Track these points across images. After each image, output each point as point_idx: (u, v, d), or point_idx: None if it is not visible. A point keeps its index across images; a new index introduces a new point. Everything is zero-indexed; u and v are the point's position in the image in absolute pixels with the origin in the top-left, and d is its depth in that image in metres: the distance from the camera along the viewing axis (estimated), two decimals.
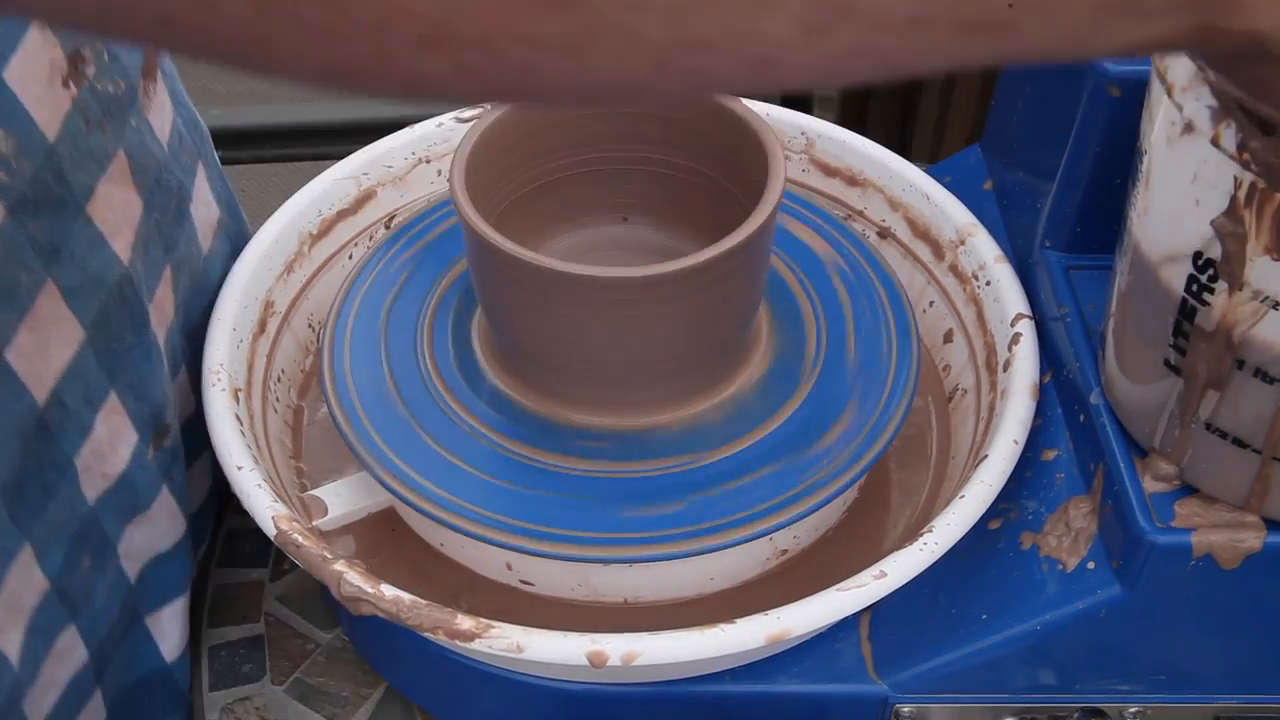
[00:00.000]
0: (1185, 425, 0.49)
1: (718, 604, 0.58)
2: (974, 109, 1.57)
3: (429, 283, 0.63)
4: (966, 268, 0.66)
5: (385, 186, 0.70)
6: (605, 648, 0.49)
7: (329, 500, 0.59)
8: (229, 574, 0.67)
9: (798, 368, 0.60)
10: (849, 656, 0.57)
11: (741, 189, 0.58)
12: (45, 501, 0.50)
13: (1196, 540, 0.50)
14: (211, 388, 0.58)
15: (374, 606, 0.50)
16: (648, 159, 0.61)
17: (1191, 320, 0.46)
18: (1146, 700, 0.56)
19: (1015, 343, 0.61)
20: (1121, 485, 0.52)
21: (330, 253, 0.69)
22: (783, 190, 0.54)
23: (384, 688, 0.63)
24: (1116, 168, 0.55)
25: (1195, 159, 0.43)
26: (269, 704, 0.62)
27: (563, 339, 0.55)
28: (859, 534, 0.61)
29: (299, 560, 0.52)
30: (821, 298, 0.63)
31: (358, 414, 0.57)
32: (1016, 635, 0.54)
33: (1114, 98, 0.55)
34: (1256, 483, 0.49)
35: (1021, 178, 0.66)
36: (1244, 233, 0.43)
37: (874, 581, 0.50)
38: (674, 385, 0.57)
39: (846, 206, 0.72)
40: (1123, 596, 0.52)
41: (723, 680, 0.57)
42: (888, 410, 0.58)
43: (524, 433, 0.57)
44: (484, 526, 0.53)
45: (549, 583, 0.58)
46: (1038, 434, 0.58)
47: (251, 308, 0.63)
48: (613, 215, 0.64)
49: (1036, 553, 0.55)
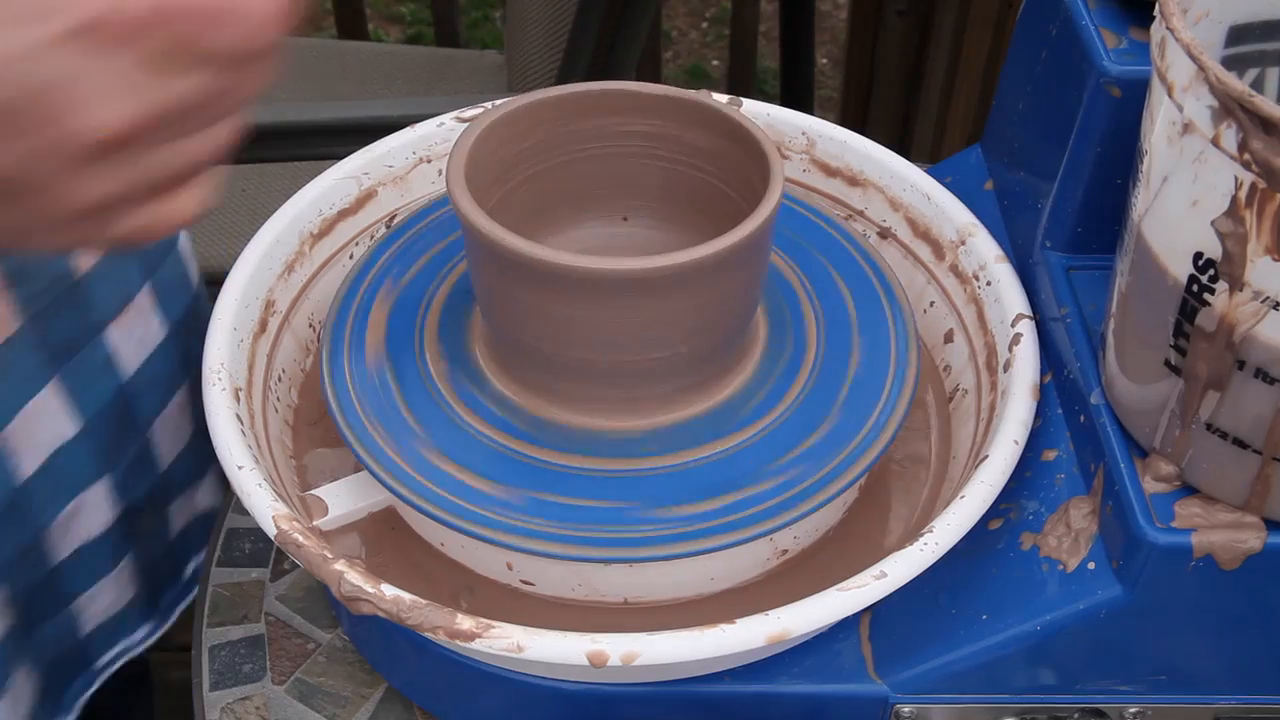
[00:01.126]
0: (1185, 426, 0.49)
1: (718, 604, 0.58)
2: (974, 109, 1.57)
3: (429, 282, 0.63)
4: (967, 268, 0.66)
5: (386, 186, 0.70)
6: (605, 648, 0.49)
7: (329, 500, 0.59)
8: (229, 574, 0.67)
9: (797, 367, 0.60)
10: (849, 656, 0.57)
11: (741, 189, 0.58)
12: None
13: (1197, 541, 0.50)
14: (212, 387, 0.58)
15: (374, 606, 0.50)
16: (648, 159, 0.61)
17: (1192, 320, 0.46)
18: (1146, 700, 0.56)
19: (1016, 343, 0.61)
20: (1122, 485, 0.52)
21: (331, 252, 0.69)
22: (782, 191, 0.54)
23: (384, 688, 0.63)
24: (1117, 168, 0.55)
25: (1195, 159, 0.43)
26: (269, 704, 0.62)
27: (562, 335, 0.55)
28: (859, 534, 0.61)
29: (299, 560, 0.52)
30: (821, 298, 0.63)
31: (358, 414, 0.57)
32: (1017, 635, 0.54)
33: (1114, 98, 0.55)
34: (1257, 483, 0.49)
35: (1022, 178, 0.66)
36: (1244, 233, 0.43)
37: (874, 581, 0.50)
38: (673, 383, 0.57)
39: (847, 207, 0.72)
40: (1123, 597, 0.52)
41: (723, 680, 0.57)
42: (887, 410, 0.58)
43: (524, 432, 0.57)
44: (484, 526, 0.53)
45: (549, 583, 0.58)
46: (1038, 434, 0.58)
47: (252, 307, 0.63)
48: (613, 215, 0.64)
49: (1037, 553, 0.55)
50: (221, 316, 0.61)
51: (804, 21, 1.75)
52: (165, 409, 0.72)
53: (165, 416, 0.72)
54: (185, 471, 0.76)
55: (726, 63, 2.00)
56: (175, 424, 0.73)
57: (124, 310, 0.66)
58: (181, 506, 0.77)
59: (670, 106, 0.59)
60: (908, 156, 0.71)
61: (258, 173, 1.31)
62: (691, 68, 2.40)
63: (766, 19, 2.05)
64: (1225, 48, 0.50)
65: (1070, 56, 0.58)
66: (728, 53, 1.95)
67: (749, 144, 0.56)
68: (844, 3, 2.28)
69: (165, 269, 0.70)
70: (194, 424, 0.75)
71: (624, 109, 0.60)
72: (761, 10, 1.88)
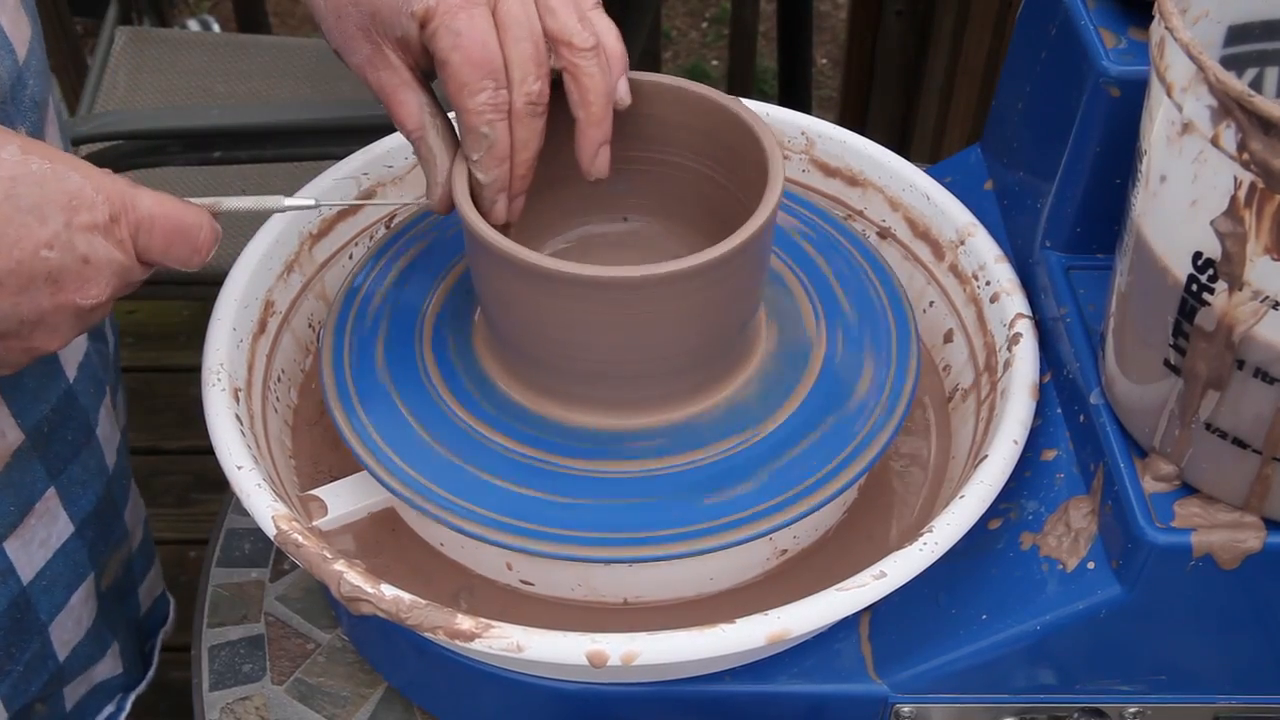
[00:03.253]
0: (1185, 425, 0.49)
1: (718, 604, 0.58)
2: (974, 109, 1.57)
3: (429, 282, 0.63)
4: (966, 268, 0.66)
5: (385, 186, 0.70)
6: (605, 648, 0.49)
7: (329, 500, 0.59)
8: (229, 574, 0.67)
9: (797, 367, 0.60)
10: (849, 656, 0.57)
11: (741, 189, 0.58)
12: None
13: (1196, 540, 0.50)
14: (211, 388, 0.58)
15: (374, 606, 0.50)
16: (648, 159, 0.61)
17: (1191, 320, 0.46)
18: (1146, 700, 0.56)
19: (1015, 343, 0.61)
20: (1121, 485, 0.52)
21: (330, 252, 0.69)
22: (782, 192, 0.54)
23: (384, 688, 0.63)
24: (1116, 168, 0.55)
25: (1195, 159, 0.43)
26: (269, 704, 0.62)
27: (562, 339, 0.55)
28: (859, 534, 0.61)
29: (299, 560, 0.52)
30: (821, 298, 0.63)
31: (358, 414, 0.57)
32: (1016, 635, 0.54)
33: (1114, 98, 0.55)
34: (1256, 483, 0.49)
35: (1021, 178, 0.66)
36: (1244, 233, 0.43)
37: (874, 581, 0.50)
38: (673, 385, 0.57)
39: (847, 207, 0.72)
40: (1123, 596, 0.52)
41: (723, 680, 0.57)
42: (887, 410, 0.58)
43: (524, 433, 0.57)
44: (484, 526, 0.53)
45: (549, 583, 0.58)
46: (1038, 434, 0.58)
47: (252, 308, 0.63)
48: (613, 215, 0.64)
49: (1036, 553, 0.55)
50: (221, 317, 0.61)
51: (803, 21, 1.75)
52: (68, 603, 0.65)
53: (68, 609, 0.65)
54: (84, 657, 0.69)
55: (726, 63, 2.00)
56: (77, 615, 0.66)
57: (24, 519, 0.61)
58: (77, 686, 0.70)
59: (671, 97, 0.59)
60: (907, 156, 0.71)
61: (258, 173, 1.31)
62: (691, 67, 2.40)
63: (766, 19, 2.05)
64: (1224, 47, 0.50)
65: (1070, 56, 0.58)
66: (727, 53, 1.95)
67: (749, 142, 0.56)
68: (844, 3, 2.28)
69: (77, 464, 0.64)
70: (96, 606, 0.68)
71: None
72: (761, 10, 1.88)
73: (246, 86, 1.44)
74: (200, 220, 0.50)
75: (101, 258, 0.47)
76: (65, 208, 0.45)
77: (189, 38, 1.64)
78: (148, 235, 0.48)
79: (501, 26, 0.51)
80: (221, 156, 1.14)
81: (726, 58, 1.98)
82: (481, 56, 0.50)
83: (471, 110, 0.51)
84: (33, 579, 0.62)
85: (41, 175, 0.45)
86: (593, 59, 0.52)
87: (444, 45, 0.50)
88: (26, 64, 0.56)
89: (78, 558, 0.65)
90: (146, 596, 0.78)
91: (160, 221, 0.48)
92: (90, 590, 0.67)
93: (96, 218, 0.46)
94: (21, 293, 0.45)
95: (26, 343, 0.47)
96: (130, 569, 0.73)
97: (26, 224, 0.44)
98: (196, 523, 1.49)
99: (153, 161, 1.15)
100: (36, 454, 0.60)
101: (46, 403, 0.60)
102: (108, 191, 0.47)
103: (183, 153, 1.14)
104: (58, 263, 0.45)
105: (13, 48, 0.55)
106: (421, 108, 0.55)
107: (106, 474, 0.67)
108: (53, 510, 0.62)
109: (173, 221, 0.49)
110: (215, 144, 1.14)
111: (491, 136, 0.52)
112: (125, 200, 0.47)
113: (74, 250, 0.46)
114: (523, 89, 0.51)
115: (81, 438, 0.63)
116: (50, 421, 0.60)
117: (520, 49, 0.51)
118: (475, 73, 0.51)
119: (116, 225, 0.47)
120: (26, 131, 0.55)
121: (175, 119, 1.15)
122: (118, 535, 0.69)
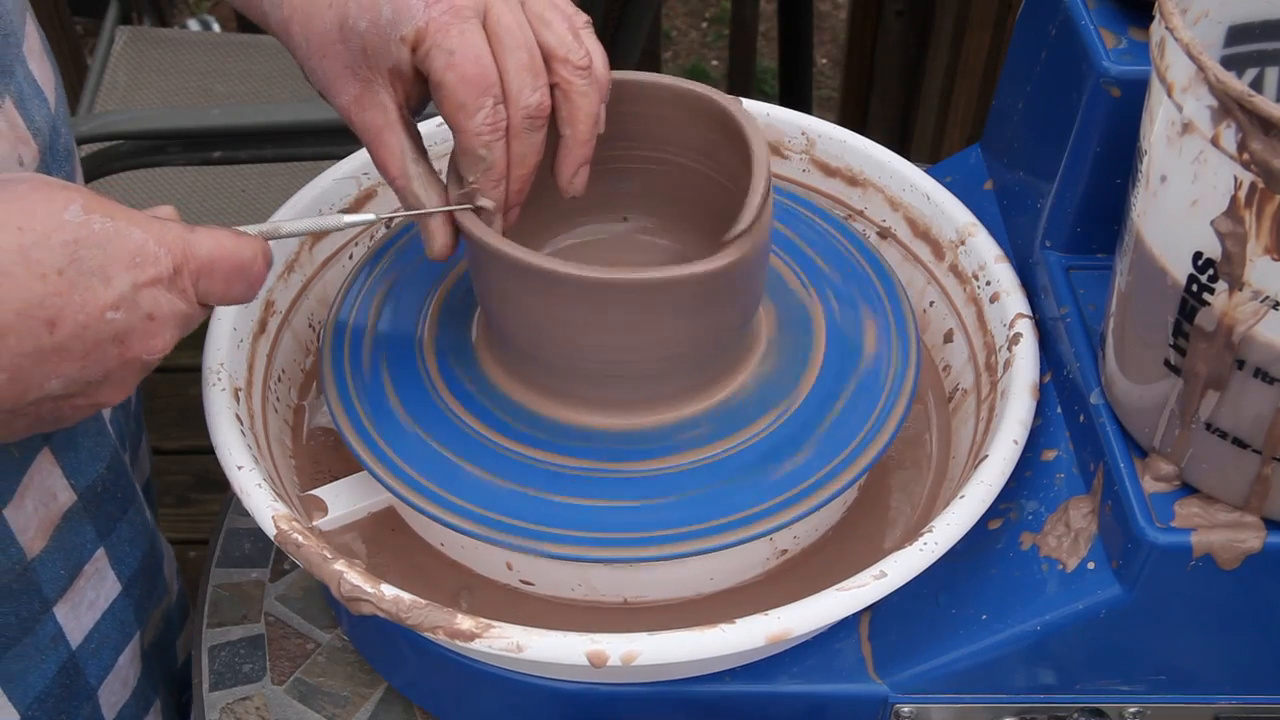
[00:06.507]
0: (1185, 425, 0.49)
1: (718, 604, 0.58)
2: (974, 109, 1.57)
3: (429, 283, 0.63)
4: (967, 268, 0.66)
5: (385, 186, 0.70)
6: (605, 648, 0.49)
7: (329, 500, 0.59)
8: (229, 574, 0.67)
9: (797, 367, 0.60)
10: (849, 656, 0.57)
11: (741, 188, 0.58)
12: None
13: (1196, 540, 0.50)
14: (211, 387, 0.58)
15: (374, 606, 0.50)
16: (647, 159, 0.61)
17: (1191, 320, 0.46)
18: (1146, 700, 0.56)
19: (1015, 343, 0.61)
20: (1121, 485, 0.52)
21: (330, 252, 0.69)
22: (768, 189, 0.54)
23: (384, 688, 0.63)
24: (1116, 168, 0.55)
25: (1195, 159, 0.43)
26: (269, 704, 0.62)
27: (562, 339, 0.55)
28: (859, 534, 0.61)
29: (299, 560, 0.52)
30: (821, 298, 0.63)
31: (357, 413, 0.57)
32: (1016, 635, 0.54)
33: (1114, 98, 0.55)
34: (1256, 483, 0.49)
35: (1021, 178, 0.66)
36: (1244, 233, 0.43)
37: (874, 581, 0.50)
38: (673, 385, 0.57)
39: (847, 206, 0.72)
40: (1123, 596, 0.52)
41: (723, 680, 0.57)
42: (887, 410, 0.58)
43: (523, 433, 0.57)
44: (484, 526, 0.53)
45: (549, 583, 0.58)
46: (1038, 434, 0.58)
47: (252, 307, 0.63)
48: (612, 215, 0.64)
49: (1036, 553, 0.55)
50: (221, 317, 0.61)
51: (803, 21, 1.75)
52: (115, 665, 0.64)
53: (115, 670, 0.65)
54: (130, 719, 0.68)
55: (726, 63, 2.00)
56: (124, 676, 0.66)
57: (73, 582, 0.60)
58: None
59: (670, 97, 0.59)
60: (907, 156, 0.71)
61: (258, 173, 1.31)
62: (691, 67, 2.40)
63: (766, 19, 2.05)
64: (1224, 47, 0.50)
65: (1070, 57, 0.58)
66: (727, 53, 1.95)
67: (736, 140, 0.56)
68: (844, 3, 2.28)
69: (125, 521, 0.63)
70: (141, 666, 0.67)
71: (624, 98, 0.59)
72: (761, 10, 1.89)
73: (246, 86, 1.44)
74: (255, 252, 0.49)
75: (165, 312, 0.46)
76: (129, 266, 0.44)
77: (189, 38, 1.64)
78: (208, 280, 0.47)
79: (494, 37, 0.50)
80: (221, 156, 1.14)
81: (726, 58, 1.98)
82: (476, 72, 0.49)
83: (470, 132, 0.50)
84: (81, 642, 0.60)
85: (104, 235, 0.44)
86: (587, 78, 0.52)
87: (438, 66, 0.49)
88: (57, 112, 0.55)
89: (124, 617, 0.64)
90: (183, 648, 0.76)
91: (219, 264, 0.47)
92: (135, 650, 0.66)
93: (160, 271, 0.45)
94: (88, 356, 0.44)
95: (91, 399, 0.47)
96: (170, 623, 0.72)
97: (91, 287, 0.44)
98: (196, 523, 1.49)
99: (153, 161, 1.15)
100: (88, 515, 0.59)
101: (101, 461, 0.59)
102: (169, 243, 0.46)
103: (183, 153, 1.14)
104: (124, 324, 0.45)
105: (45, 96, 0.54)
106: (404, 153, 0.53)
107: (149, 529, 0.66)
108: (101, 570, 0.61)
109: (231, 261, 0.48)
110: (215, 144, 1.13)
111: (489, 159, 0.51)
112: (186, 249, 0.46)
113: (139, 309, 0.45)
114: (520, 103, 0.50)
115: (128, 495, 0.63)
116: (104, 481, 0.60)
117: (515, 59, 0.50)
118: (471, 91, 0.49)
119: (179, 276, 0.46)
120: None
121: (175, 119, 1.15)
122: (160, 590, 0.69)
